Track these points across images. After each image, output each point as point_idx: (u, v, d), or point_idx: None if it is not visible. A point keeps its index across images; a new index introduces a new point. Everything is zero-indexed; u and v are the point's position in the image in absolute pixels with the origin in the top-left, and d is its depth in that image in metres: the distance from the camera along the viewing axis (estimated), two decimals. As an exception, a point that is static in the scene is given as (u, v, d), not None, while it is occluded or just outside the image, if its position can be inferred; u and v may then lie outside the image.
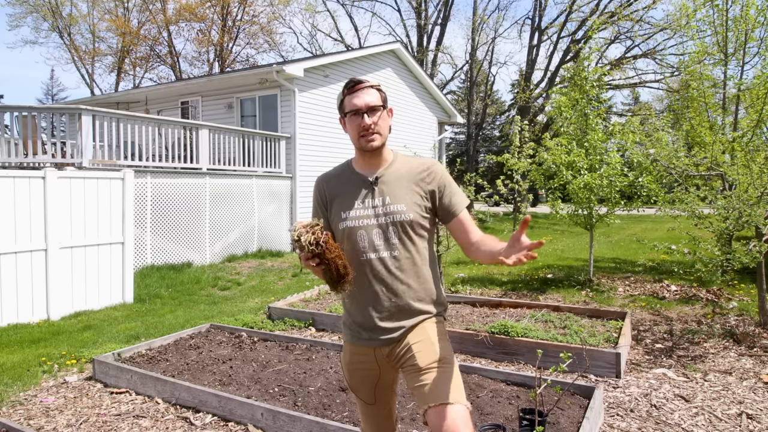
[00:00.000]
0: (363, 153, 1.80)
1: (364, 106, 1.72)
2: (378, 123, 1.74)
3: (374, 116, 1.74)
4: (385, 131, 1.78)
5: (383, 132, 1.77)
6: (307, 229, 1.53)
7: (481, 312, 5.66)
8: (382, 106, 1.76)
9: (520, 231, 1.42)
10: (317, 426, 2.86)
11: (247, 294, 7.42)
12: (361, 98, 1.73)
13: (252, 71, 12.57)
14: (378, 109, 1.75)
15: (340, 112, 1.81)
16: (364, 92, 1.74)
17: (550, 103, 8.51)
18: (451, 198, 1.79)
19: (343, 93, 1.78)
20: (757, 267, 4.85)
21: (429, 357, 1.68)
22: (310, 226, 1.54)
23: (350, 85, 1.76)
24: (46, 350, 4.69)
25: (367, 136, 1.74)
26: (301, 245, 1.51)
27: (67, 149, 9.48)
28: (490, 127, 45.93)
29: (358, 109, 1.73)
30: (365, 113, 1.72)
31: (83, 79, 33.59)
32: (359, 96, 1.74)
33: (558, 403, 3.20)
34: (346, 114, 1.76)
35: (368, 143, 1.74)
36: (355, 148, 1.82)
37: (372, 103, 1.73)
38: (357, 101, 1.73)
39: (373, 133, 1.74)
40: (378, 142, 1.75)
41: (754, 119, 5.35)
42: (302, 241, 1.51)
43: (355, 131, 1.75)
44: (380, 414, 1.87)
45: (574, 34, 25.03)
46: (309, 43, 33.43)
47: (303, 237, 1.51)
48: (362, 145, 1.76)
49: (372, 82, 1.78)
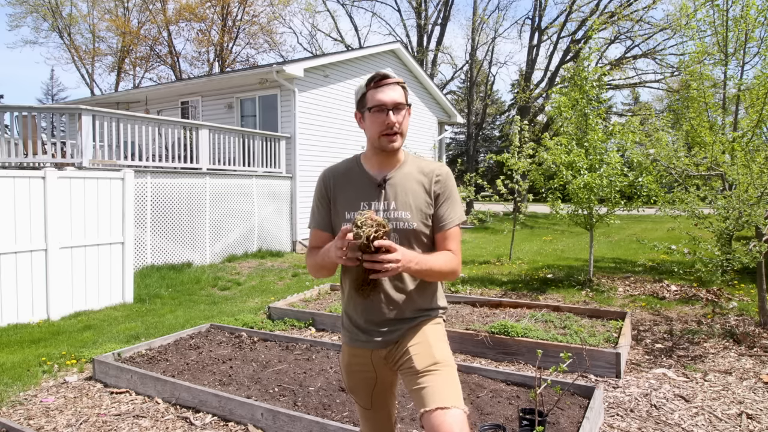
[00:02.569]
0: (378, 152, 1.72)
1: (391, 103, 1.63)
2: (402, 122, 1.67)
3: (399, 115, 1.66)
4: (406, 131, 1.70)
5: (405, 132, 1.69)
6: (372, 223, 1.46)
7: (481, 312, 5.66)
8: (405, 104, 1.68)
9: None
10: (317, 426, 2.86)
11: (247, 294, 7.42)
12: (388, 94, 1.64)
13: (252, 71, 12.57)
14: (403, 108, 1.67)
15: (360, 107, 1.71)
16: (390, 88, 1.65)
17: (550, 103, 8.51)
18: (447, 210, 1.73)
19: (366, 86, 1.68)
20: (757, 267, 4.85)
21: (427, 360, 1.65)
22: (378, 224, 1.47)
23: (376, 78, 1.65)
24: (46, 350, 4.69)
25: (390, 135, 1.65)
26: (359, 234, 1.45)
27: (67, 149, 9.48)
28: (490, 127, 45.94)
29: (383, 105, 1.63)
30: (390, 110, 1.63)
31: (83, 79, 33.62)
32: (385, 91, 1.64)
33: (558, 403, 3.20)
34: (370, 109, 1.66)
35: (390, 143, 1.66)
36: (371, 145, 1.73)
37: (398, 100, 1.65)
38: (383, 97, 1.64)
39: (396, 132, 1.66)
40: (399, 143, 1.68)
41: (754, 119, 5.35)
42: (362, 231, 1.45)
43: (377, 128, 1.66)
44: (379, 417, 1.86)
45: (574, 34, 25.03)
46: (309, 43, 33.44)
47: (366, 229, 1.45)
48: (383, 144, 1.67)
49: (398, 78, 1.69)
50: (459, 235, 1.77)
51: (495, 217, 16.23)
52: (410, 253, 1.56)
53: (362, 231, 1.45)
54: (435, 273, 1.66)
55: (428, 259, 1.64)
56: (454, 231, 1.74)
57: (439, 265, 1.66)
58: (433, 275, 1.68)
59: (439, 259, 1.67)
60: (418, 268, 1.59)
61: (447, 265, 1.68)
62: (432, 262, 1.64)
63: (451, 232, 1.73)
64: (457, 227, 1.75)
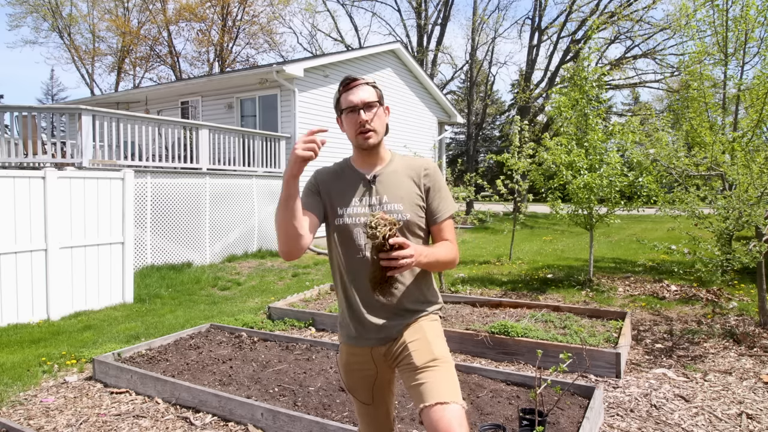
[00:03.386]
0: (361, 151, 1.79)
1: (360, 102, 1.71)
2: (374, 119, 1.73)
3: (370, 112, 1.72)
4: (382, 128, 1.77)
5: (379, 129, 1.76)
6: (386, 223, 1.51)
7: (481, 312, 5.65)
8: (378, 102, 1.75)
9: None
10: (317, 426, 2.86)
11: (247, 294, 7.42)
12: (357, 95, 1.72)
13: (252, 71, 12.58)
14: (374, 105, 1.73)
15: (337, 111, 1.80)
16: (360, 89, 1.73)
17: (550, 103, 8.51)
18: (439, 202, 1.79)
19: (339, 91, 1.76)
20: (757, 267, 4.85)
21: (425, 356, 1.67)
22: (391, 223, 1.52)
23: (345, 82, 1.74)
24: (46, 350, 4.69)
25: (364, 132, 1.72)
26: (375, 235, 1.49)
27: (67, 149, 9.48)
28: (490, 127, 45.95)
29: (354, 106, 1.71)
30: (361, 109, 1.71)
31: (83, 79, 33.61)
32: (355, 93, 1.72)
33: (558, 403, 3.20)
34: (343, 111, 1.75)
35: (365, 140, 1.73)
36: (353, 146, 1.81)
37: (367, 99, 1.72)
38: (353, 98, 1.72)
39: (369, 129, 1.72)
40: (374, 140, 1.74)
41: (754, 119, 5.35)
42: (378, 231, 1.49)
43: (351, 128, 1.74)
44: (378, 414, 1.87)
45: (574, 34, 25.01)
46: (309, 43, 33.45)
47: (381, 229, 1.49)
48: (359, 143, 1.74)
49: (368, 79, 1.77)
50: (453, 224, 1.85)
51: (495, 217, 16.23)
52: (419, 247, 1.63)
53: (378, 231, 1.49)
54: (441, 263, 1.74)
55: (434, 251, 1.71)
56: (448, 222, 1.82)
57: (443, 255, 1.74)
58: (438, 266, 1.75)
59: (442, 250, 1.74)
60: (427, 261, 1.66)
61: (449, 255, 1.76)
62: (438, 254, 1.71)
63: (446, 223, 1.81)
64: (450, 218, 1.82)
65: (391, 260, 1.52)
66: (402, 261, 1.52)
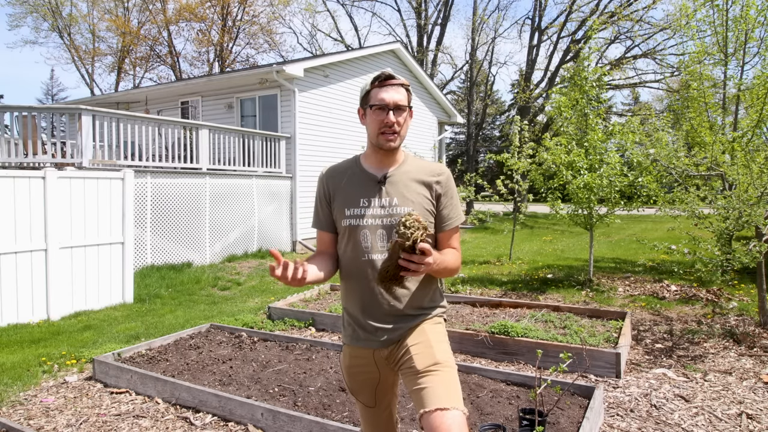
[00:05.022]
0: (377, 150, 1.76)
1: (392, 103, 1.68)
2: (401, 123, 1.71)
3: (399, 115, 1.70)
4: (405, 132, 1.75)
5: (404, 133, 1.74)
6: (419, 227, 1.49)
7: (481, 312, 5.66)
8: (408, 106, 1.73)
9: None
10: (317, 426, 2.86)
11: (247, 294, 7.42)
12: (390, 94, 1.68)
13: (252, 71, 12.57)
14: (404, 109, 1.71)
15: (363, 103, 1.75)
16: (394, 89, 1.70)
17: (550, 103, 8.51)
18: (450, 210, 1.79)
19: (371, 84, 1.72)
20: (757, 267, 4.85)
21: (427, 360, 1.65)
22: (424, 227, 1.51)
23: (381, 77, 1.70)
24: (46, 350, 4.69)
25: (388, 134, 1.70)
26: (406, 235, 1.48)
27: (67, 149, 9.48)
28: (490, 127, 45.94)
29: (385, 105, 1.68)
30: (391, 110, 1.68)
31: (83, 79, 33.56)
32: (388, 91, 1.69)
33: (558, 403, 3.20)
34: (372, 106, 1.70)
35: (387, 142, 1.71)
36: (370, 143, 1.78)
37: (400, 101, 1.69)
38: (385, 96, 1.68)
39: (394, 132, 1.70)
40: (397, 143, 1.72)
41: (754, 119, 5.35)
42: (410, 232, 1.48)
43: (376, 126, 1.70)
44: (381, 416, 1.86)
45: (574, 34, 25.01)
46: (309, 43, 33.45)
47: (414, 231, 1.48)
48: (380, 143, 1.72)
49: (402, 80, 1.74)
50: (459, 233, 1.87)
51: (495, 217, 16.23)
52: (437, 255, 1.61)
53: (410, 232, 1.48)
54: (447, 271, 1.74)
55: (444, 259, 1.70)
56: (456, 230, 1.82)
57: (450, 262, 1.74)
58: (445, 273, 1.76)
59: (450, 258, 1.75)
60: (438, 268, 1.64)
61: (455, 263, 1.77)
62: (446, 261, 1.71)
63: (454, 231, 1.81)
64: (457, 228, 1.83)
65: (410, 263, 1.50)
66: (421, 267, 1.50)
